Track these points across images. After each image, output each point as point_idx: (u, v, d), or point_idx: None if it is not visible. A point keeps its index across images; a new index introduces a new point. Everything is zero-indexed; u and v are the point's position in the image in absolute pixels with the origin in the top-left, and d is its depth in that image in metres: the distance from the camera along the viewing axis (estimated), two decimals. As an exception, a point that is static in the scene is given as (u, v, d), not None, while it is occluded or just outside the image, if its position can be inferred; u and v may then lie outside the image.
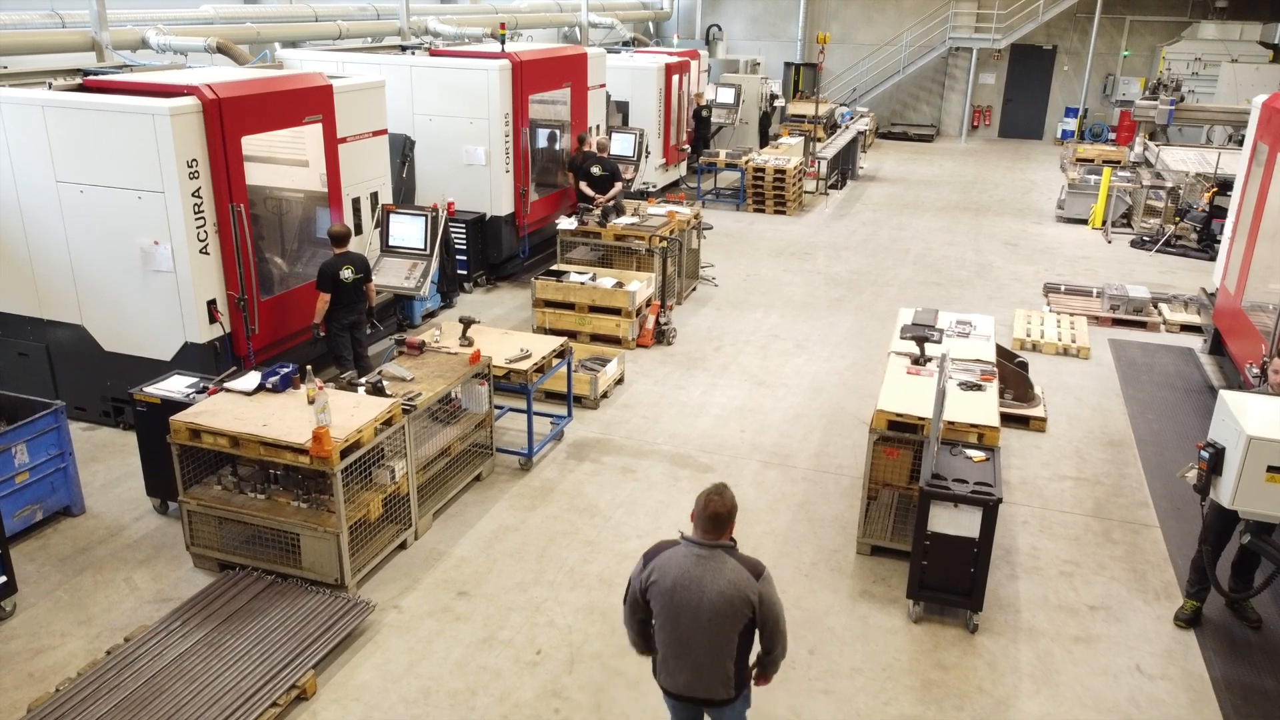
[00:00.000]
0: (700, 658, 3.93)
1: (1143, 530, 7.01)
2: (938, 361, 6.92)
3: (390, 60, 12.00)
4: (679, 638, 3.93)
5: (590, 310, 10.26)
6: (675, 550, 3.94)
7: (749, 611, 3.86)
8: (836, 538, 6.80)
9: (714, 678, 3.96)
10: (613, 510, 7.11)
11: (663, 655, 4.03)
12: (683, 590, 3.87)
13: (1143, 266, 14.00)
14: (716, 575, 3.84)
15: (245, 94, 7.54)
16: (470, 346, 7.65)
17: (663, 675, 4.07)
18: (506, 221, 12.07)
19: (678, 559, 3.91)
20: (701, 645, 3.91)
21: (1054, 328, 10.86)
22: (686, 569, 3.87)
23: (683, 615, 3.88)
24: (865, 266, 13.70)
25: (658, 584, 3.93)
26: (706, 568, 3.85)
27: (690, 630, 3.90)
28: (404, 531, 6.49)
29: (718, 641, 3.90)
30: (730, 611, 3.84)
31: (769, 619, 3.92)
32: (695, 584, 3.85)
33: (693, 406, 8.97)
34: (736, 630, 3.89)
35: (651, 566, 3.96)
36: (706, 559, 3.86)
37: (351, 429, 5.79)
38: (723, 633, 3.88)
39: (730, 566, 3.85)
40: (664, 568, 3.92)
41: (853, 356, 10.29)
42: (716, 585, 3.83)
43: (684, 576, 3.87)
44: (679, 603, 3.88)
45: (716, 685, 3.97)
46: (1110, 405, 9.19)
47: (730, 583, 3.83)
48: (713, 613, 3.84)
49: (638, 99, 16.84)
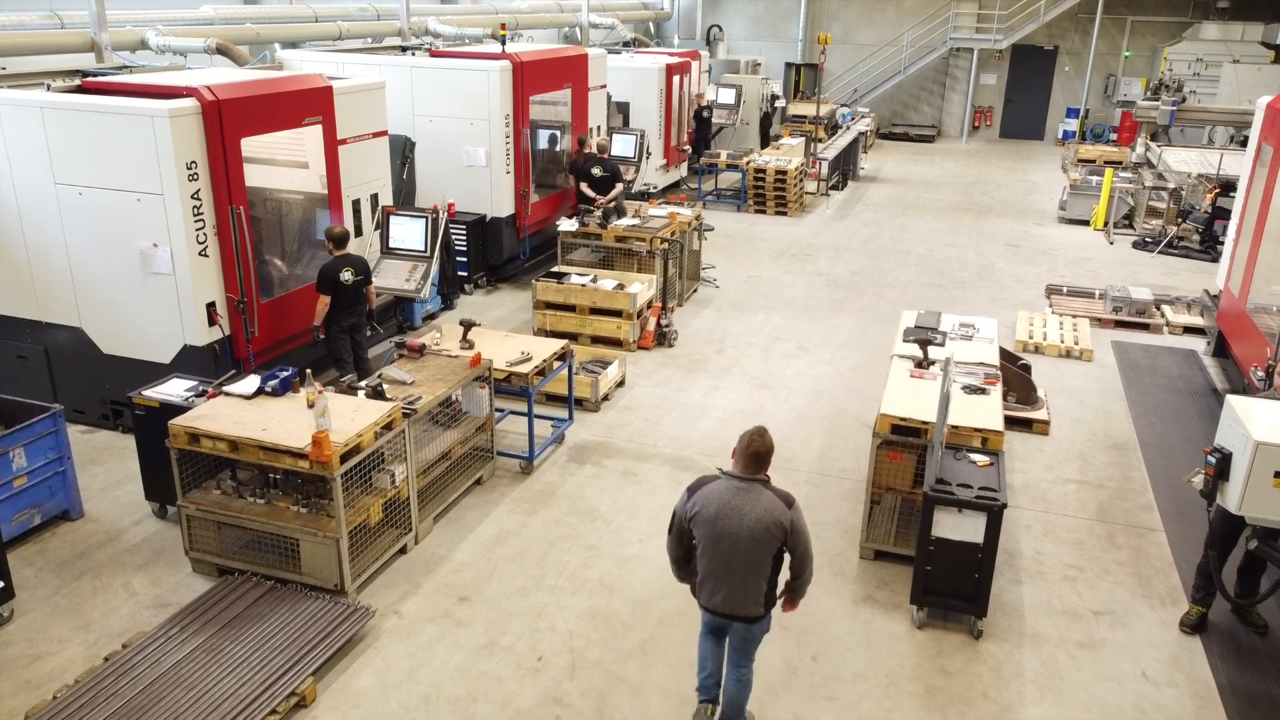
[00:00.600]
0: (737, 578, 4.49)
1: (1147, 534, 6.97)
2: (941, 365, 6.89)
3: (390, 61, 11.97)
4: (720, 560, 4.48)
5: (591, 312, 10.22)
6: (716, 484, 4.49)
7: (781, 536, 4.43)
8: (839, 541, 6.76)
9: (749, 596, 4.52)
10: (614, 514, 7.07)
11: (703, 577, 4.58)
12: (724, 518, 4.42)
13: (1145, 268, 13.96)
14: (754, 504, 4.40)
15: (245, 95, 7.50)
16: (471, 349, 7.61)
17: (703, 595, 4.62)
18: (507, 223, 12.03)
19: (719, 491, 4.46)
20: (740, 567, 4.46)
21: (1056, 330, 10.82)
22: (727, 500, 4.42)
23: (723, 540, 4.44)
24: (867, 268, 13.66)
25: (701, 513, 4.47)
26: (745, 498, 4.41)
27: (730, 554, 4.45)
28: (404, 536, 6.45)
29: (754, 563, 4.46)
30: (766, 536, 4.41)
31: (798, 544, 4.49)
32: (735, 512, 4.40)
33: (694, 409, 8.93)
34: (770, 553, 4.47)
35: (695, 499, 4.50)
36: (745, 490, 4.42)
37: (351, 433, 5.75)
38: (758, 555, 4.45)
39: (766, 497, 4.42)
40: (707, 499, 4.47)
41: (855, 359, 10.25)
42: (754, 513, 4.39)
43: (725, 506, 4.42)
44: (720, 530, 4.43)
45: (750, 603, 4.53)
46: (1113, 408, 9.15)
47: (766, 510, 4.39)
48: (750, 538, 4.40)
49: (638, 100, 16.80)
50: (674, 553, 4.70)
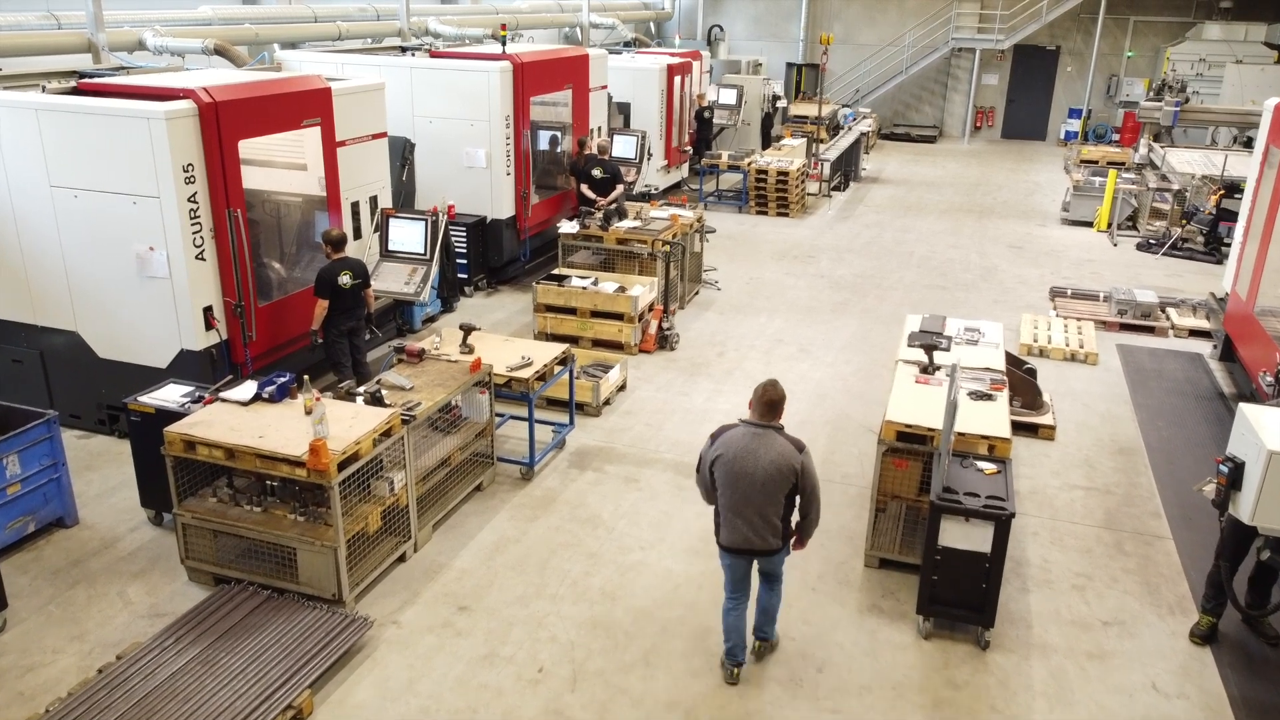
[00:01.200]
0: (754, 515, 4.97)
1: (1155, 542, 6.89)
2: (947, 371, 6.81)
3: (390, 62, 11.88)
4: (738, 499, 4.97)
5: (592, 315, 10.13)
6: (736, 430, 5.02)
7: (793, 478, 4.92)
8: (843, 549, 6.68)
9: (765, 530, 5.02)
10: (615, 521, 6.99)
11: (724, 516, 5.06)
12: (742, 461, 4.90)
13: (1149, 270, 13.87)
14: (769, 448, 4.90)
15: (242, 97, 7.42)
16: (471, 354, 7.52)
17: (723, 533, 5.12)
18: (507, 224, 11.94)
19: (738, 437, 4.97)
20: (756, 504, 4.95)
21: (1061, 333, 10.73)
22: (745, 444, 4.92)
23: (741, 481, 4.92)
24: (869, 270, 13.58)
25: (722, 457, 4.96)
26: (761, 442, 4.91)
27: (747, 492, 4.94)
28: (403, 544, 6.37)
29: (769, 501, 4.95)
30: (779, 477, 4.90)
31: (808, 485, 4.98)
32: (752, 455, 4.89)
33: (696, 413, 8.84)
34: (783, 492, 4.95)
35: (717, 444, 5.01)
36: (761, 436, 4.93)
37: (349, 440, 5.67)
38: (773, 494, 4.94)
39: (780, 442, 4.93)
40: (727, 444, 4.97)
41: (858, 362, 10.16)
42: (769, 456, 4.88)
43: (743, 450, 4.91)
44: (738, 471, 4.92)
45: (767, 536, 5.04)
46: (1119, 412, 9.07)
47: (780, 454, 4.89)
48: (765, 478, 4.89)
49: (639, 100, 16.71)
50: (704, 489, 5.23)
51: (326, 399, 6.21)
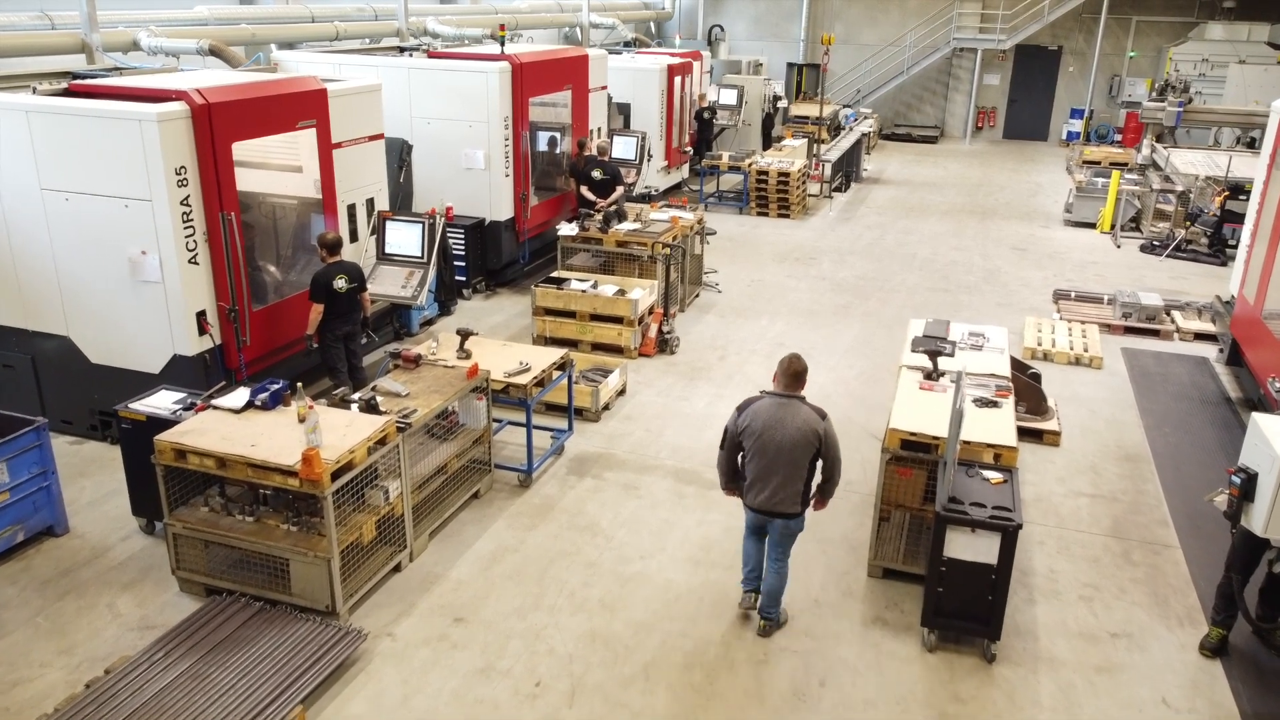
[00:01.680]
0: (780, 480, 5.35)
1: (1163, 551, 6.78)
2: (952, 377, 6.70)
3: (388, 62, 11.77)
4: (766, 465, 5.35)
5: (591, 319, 10.02)
6: (762, 402, 5.40)
7: (817, 443, 5.32)
8: (847, 559, 6.57)
9: (789, 495, 5.38)
10: (615, 530, 6.88)
11: (751, 480, 5.45)
12: (770, 429, 5.30)
13: (1153, 272, 13.76)
14: (795, 416, 5.30)
15: (236, 99, 7.31)
16: (468, 359, 7.42)
17: (750, 496, 5.49)
18: (506, 227, 11.84)
19: (765, 407, 5.36)
20: (782, 470, 5.33)
21: (1065, 336, 10.62)
22: (773, 413, 5.32)
23: (769, 448, 5.31)
24: (871, 272, 13.47)
25: (750, 426, 5.36)
26: (787, 411, 5.32)
27: (775, 459, 5.32)
28: (399, 554, 6.26)
29: (794, 467, 5.33)
30: (804, 443, 5.29)
31: (830, 450, 5.39)
32: (779, 424, 5.29)
33: (697, 419, 8.73)
34: (808, 458, 5.34)
35: (745, 415, 5.39)
36: (786, 405, 5.34)
37: (343, 449, 5.56)
38: (798, 460, 5.33)
39: (804, 411, 5.34)
40: (755, 414, 5.36)
41: (860, 366, 10.05)
42: (795, 424, 5.28)
43: (771, 419, 5.31)
44: (767, 439, 5.30)
45: (789, 501, 5.40)
46: (1125, 417, 8.96)
47: (805, 421, 5.30)
48: (792, 444, 5.28)
49: (639, 101, 16.61)
50: (724, 467, 5.58)
51: (320, 406, 6.11)
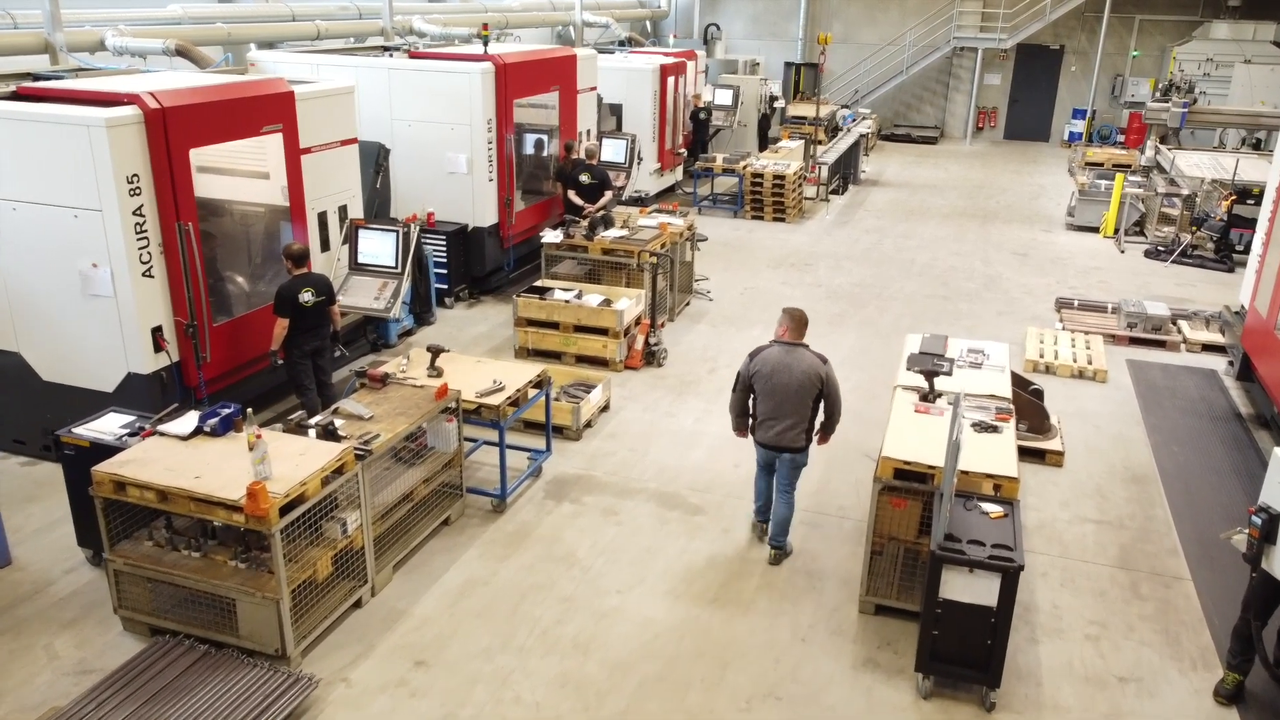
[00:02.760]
0: (787, 419, 6.10)
1: (1174, 584, 6.39)
2: (950, 399, 6.31)
3: (368, 63, 11.38)
4: (775, 405, 6.10)
5: (575, 330, 9.64)
6: (771, 350, 6.14)
7: (819, 385, 6.07)
8: (838, 593, 6.18)
9: (796, 432, 6.13)
10: (593, 559, 6.49)
11: (761, 419, 6.19)
12: (779, 373, 6.04)
13: (1158, 278, 13.36)
14: (800, 361, 6.05)
15: (193, 103, 6.92)
16: (439, 378, 7.04)
17: (760, 433, 6.25)
18: (490, 232, 11.45)
19: (774, 353, 6.11)
20: (789, 409, 6.08)
21: (1068, 348, 10.22)
22: (780, 359, 6.07)
23: (778, 390, 6.06)
24: (868, 278, 13.07)
25: (760, 371, 6.11)
26: (793, 357, 6.06)
27: (783, 399, 6.07)
28: (359, 588, 5.87)
29: (800, 406, 6.08)
30: (809, 384, 6.04)
31: (831, 391, 6.13)
32: (786, 368, 6.04)
33: (684, 437, 8.34)
34: (812, 398, 6.09)
35: (755, 362, 6.14)
36: (792, 351, 6.08)
37: (294, 482, 5.17)
38: (804, 400, 6.08)
39: (808, 356, 6.09)
40: (765, 360, 6.12)
41: (855, 379, 9.66)
42: (800, 367, 6.03)
43: (779, 364, 6.05)
44: (776, 382, 6.05)
45: (798, 436, 6.16)
46: (1131, 434, 8.56)
47: (810, 365, 6.05)
48: (798, 386, 6.02)
49: (632, 102, 16.22)
50: (736, 408, 6.35)
51: (274, 433, 5.73)
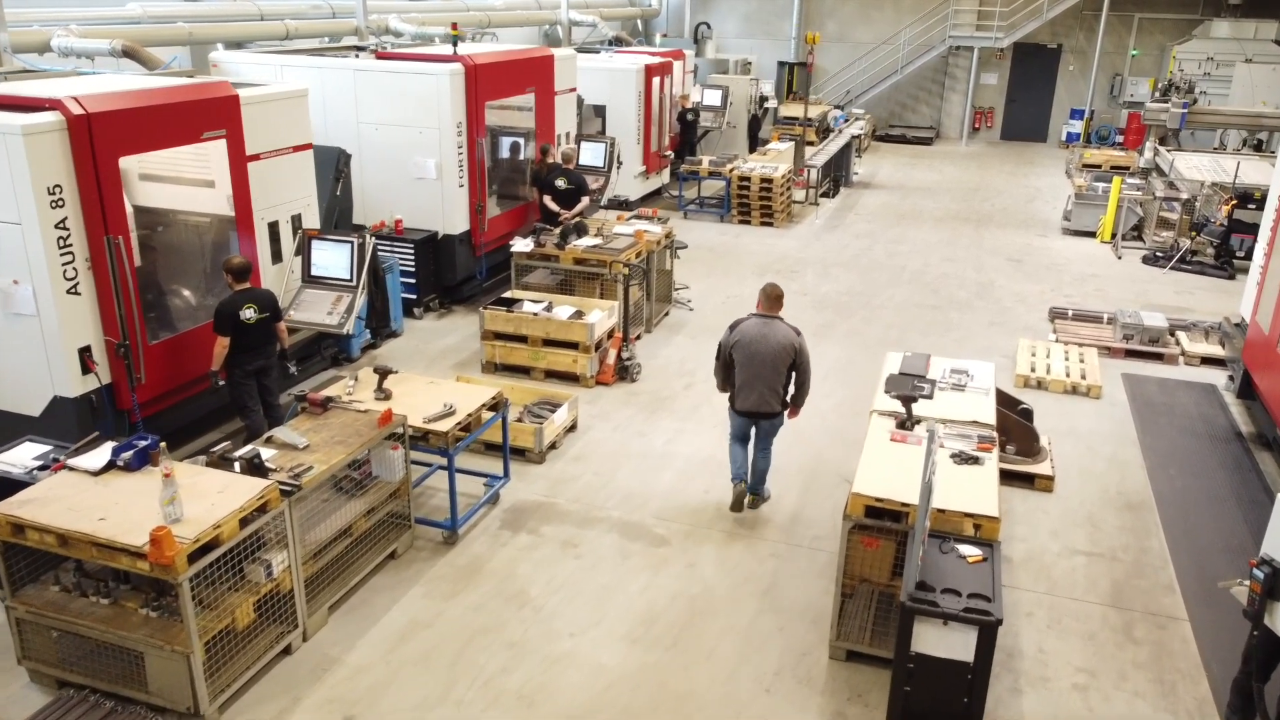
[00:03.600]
0: (763, 385, 6.53)
1: (1170, 625, 5.95)
2: (928, 427, 5.87)
3: (333, 64, 10.94)
4: (752, 373, 6.52)
5: (544, 344, 9.20)
6: (749, 321, 6.59)
7: (793, 355, 6.50)
8: (807, 636, 5.74)
9: (771, 398, 6.58)
10: (546, 598, 6.06)
11: (740, 386, 6.61)
12: (755, 343, 6.47)
13: (1156, 285, 12.92)
14: (775, 332, 6.51)
15: (122, 108, 6.47)
16: (387, 400, 6.61)
17: (739, 400, 6.66)
18: (461, 240, 11.00)
19: (751, 325, 6.56)
20: (765, 376, 6.51)
21: (1061, 361, 9.78)
22: (757, 330, 6.52)
23: (755, 359, 6.49)
24: (857, 286, 12.63)
25: (739, 341, 6.53)
26: (769, 329, 6.52)
27: (759, 367, 6.50)
28: (288, 634, 5.43)
29: (775, 374, 6.52)
30: (783, 354, 6.48)
31: (802, 362, 6.56)
32: (762, 339, 6.48)
33: (654, 458, 7.91)
34: (785, 366, 6.53)
35: (735, 333, 6.57)
36: (768, 323, 6.55)
37: (207, 525, 4.74)
38: (778, 368, 6.51)
39: (782, 328, 6.55)
40: (743, 331, 6.54)
41: (839, 395, 9.22)
42: (775, 338, 6.48)
43: (756, 335, 6.50)
44: (753, 351, 6.48)
45: (773, 402, 6.61)
46: (1126, 456, 8.12)
47: (784, 336, 6.51)
48: (772, 355, 6.46)
49: (615, 103, 15.77)
50: (720, 374, 6.79)
51: (195, 467, 5.30)
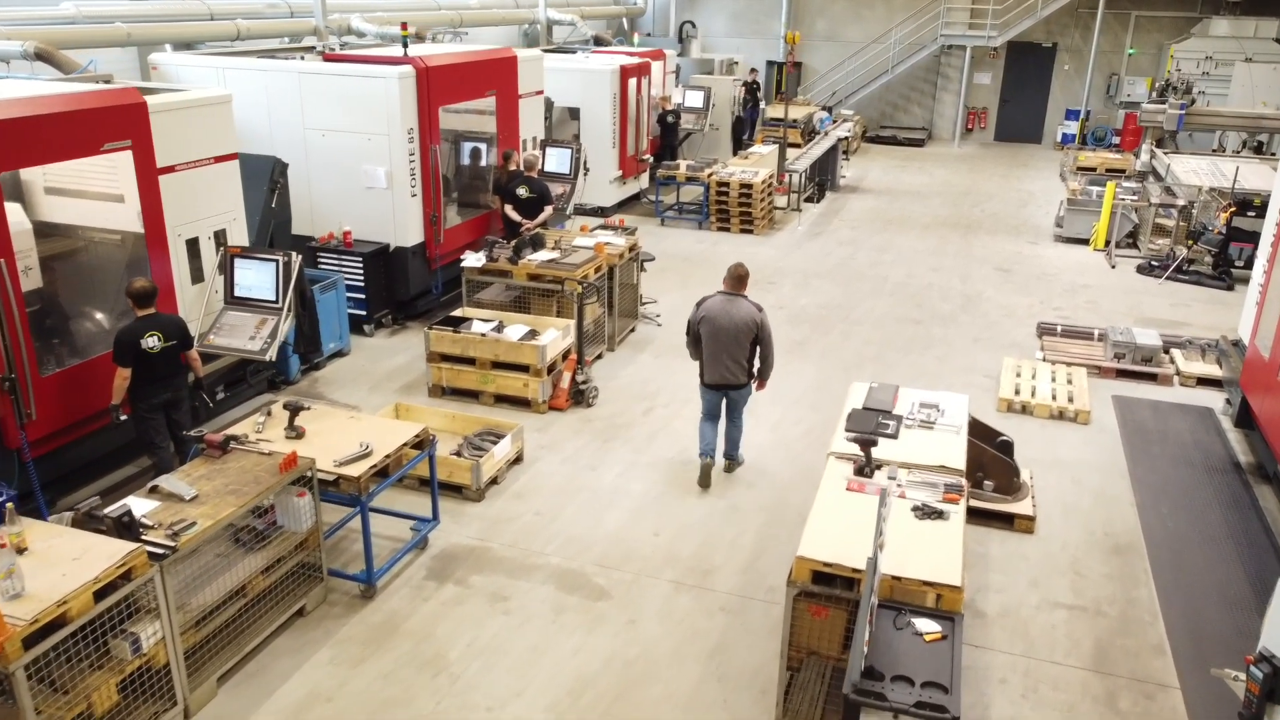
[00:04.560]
0: (728, 359, 7.05)
1: (1158, 695, 5.34)
2: (887, 474, 5.27)
3: (278, 66, 10.34)
4: (718, 347, 7.03)
5: (494, 366, 8.60)
6: (714, 299, 7.07)
7: (755, 330, 7.00)
8: (752, 709, 5.14)
9: (737, 370, 7.09)
10: (466, 664, 5.45)
11: (707, 360, 7.12)
12: (720, 319, 6.97)
13: (1151, 297, 12.31)
14: (738, 309, 6.99)
15: (8, 118, 5.87)
16: (298, 440, 6.01)
17: (706, 374, 7.17)
18: (414, 253, 10.40)
19: (717, 303, 7.04)
20: (729, 350, 7.02)
21: (1048, 383, 9.16)
22: (722, 307, 7.01)
23: (720, 334, 6.99)
24: (836, 298, 12.01)
25: (706, 317, 7.02)
26: (733, 305, 7.00)
27: (724, 342, 7.00)
28: (165, 713, 4.83)
29: (739, 347, 7.02)
30: (746, 329, 6.98)
31: (765, 336, 7.07)
32: (727, 315, 6.97)
33: (603, 495, 7.31)
34: (749, 340, 7.03)
35: (701, 310, 7.07)
36: (732, 300, 7.02)
37: (50, 601, 4.13)
38: (741, 342, 7.01)
39: (745, 305, 7.01)
40: (709, 309, 7.04)
41: (809, 421, 8.62)
42: (739, 314, 6.97)
43: (721, 311, 6.99)
44: (718, 327, 6.98)
45: (739, 373, 7.11)
46: (1115, 490, 7.52)
47: (746, 312, 6.98)
48: (736, 330, 6.97)
49: (590, 105, 15.18)
50: (691, 347, 7.27)
51: (56, 527, 4.69)
